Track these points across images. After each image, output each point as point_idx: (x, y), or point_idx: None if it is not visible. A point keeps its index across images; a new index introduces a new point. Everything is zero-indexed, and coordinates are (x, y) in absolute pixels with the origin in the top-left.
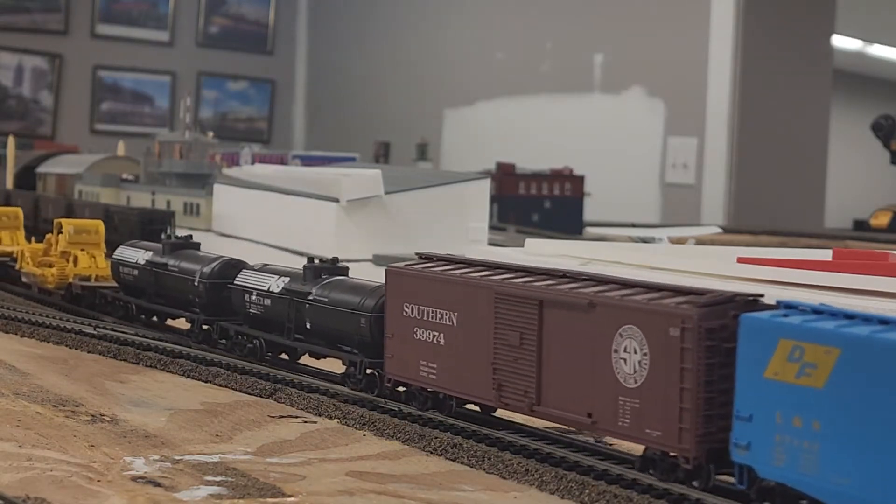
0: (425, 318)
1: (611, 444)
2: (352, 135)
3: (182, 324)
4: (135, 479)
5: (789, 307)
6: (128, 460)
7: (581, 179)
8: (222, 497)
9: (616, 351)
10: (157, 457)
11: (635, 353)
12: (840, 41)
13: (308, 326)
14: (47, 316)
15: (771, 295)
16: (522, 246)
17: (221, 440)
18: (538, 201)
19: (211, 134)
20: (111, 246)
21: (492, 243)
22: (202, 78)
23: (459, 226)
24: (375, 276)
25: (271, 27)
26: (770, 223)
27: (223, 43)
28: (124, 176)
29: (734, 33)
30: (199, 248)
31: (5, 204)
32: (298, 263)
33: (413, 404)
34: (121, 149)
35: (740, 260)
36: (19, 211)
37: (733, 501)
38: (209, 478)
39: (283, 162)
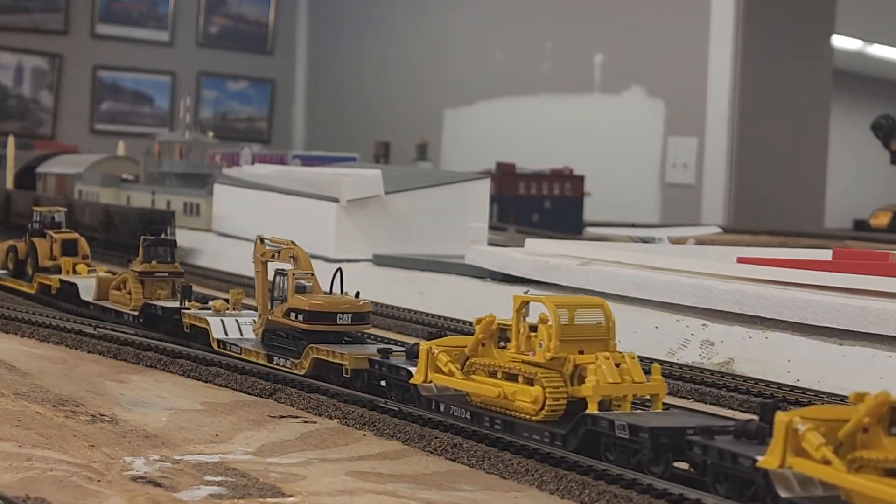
0: None
1: None
2: (352, 135)
3: None
4: (135, 479)
5: None
6: (128, 460)
7: (581, 179)
8: (222, 497)
9: None
10: (157, 457)
11: None
12: (840, 41)
13: None
14: (47, 316)
15: (771, 295)
16: (522, 246)
17: (221, 440)
18: (538, 201)
19: (211, 134)
20: (111, 246)
21: (492, 243)
22: (202, 78)
23: (459, 226)
24: (376, 276)
25: (271, 27)
26: (770, 223)
27: (223, 43)
28: (124, 176)
29: (734, 33)
30: None
31: (6, 203)
32: None
33: None
34: (121, 149)
35: (740, 260)
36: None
37: (733, 502)
38: (209, 478)
39: (283, 162)
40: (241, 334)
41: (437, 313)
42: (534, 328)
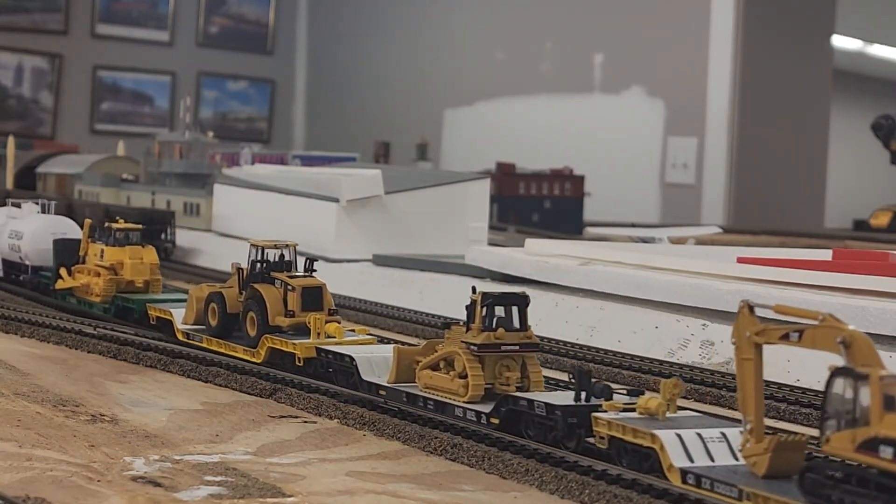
0: None
1: None
2: (352, 135)
3: None
4: (135, 479)
5: None
6: (128, 460)
7: (581, 179)
8: (222, 497)
9: None
10: (157, 457)
11: None
12: (840, 41)
13: None
14: (47, 316)
15: (771, 295)
16: (522, 246)
17: (221, 440)
18: (538, 201)
19: (211, 134)
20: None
21: (492, 243)
22: (202, 78)
23: (459, 226)
24: (376, 276)
25: (271, 27)
26: (770, 223)
27: (223, 43)
28: (124, 176)
29: (734, 33)
30: None
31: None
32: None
33: None
34: (121, 149)
35: (740, 260)
36: None
37: (731, 501)
38: (209, 478)
39: (283, 162)
40: (712, 459)
41: (437, 313)
42: None
